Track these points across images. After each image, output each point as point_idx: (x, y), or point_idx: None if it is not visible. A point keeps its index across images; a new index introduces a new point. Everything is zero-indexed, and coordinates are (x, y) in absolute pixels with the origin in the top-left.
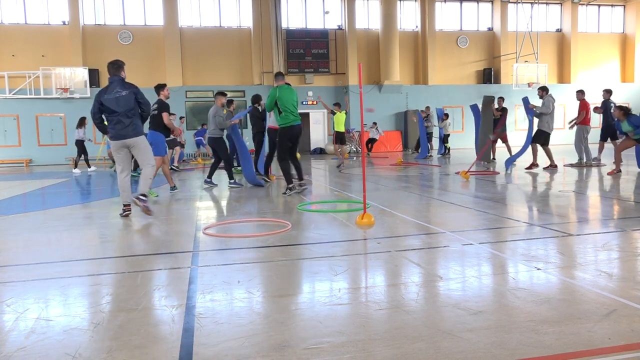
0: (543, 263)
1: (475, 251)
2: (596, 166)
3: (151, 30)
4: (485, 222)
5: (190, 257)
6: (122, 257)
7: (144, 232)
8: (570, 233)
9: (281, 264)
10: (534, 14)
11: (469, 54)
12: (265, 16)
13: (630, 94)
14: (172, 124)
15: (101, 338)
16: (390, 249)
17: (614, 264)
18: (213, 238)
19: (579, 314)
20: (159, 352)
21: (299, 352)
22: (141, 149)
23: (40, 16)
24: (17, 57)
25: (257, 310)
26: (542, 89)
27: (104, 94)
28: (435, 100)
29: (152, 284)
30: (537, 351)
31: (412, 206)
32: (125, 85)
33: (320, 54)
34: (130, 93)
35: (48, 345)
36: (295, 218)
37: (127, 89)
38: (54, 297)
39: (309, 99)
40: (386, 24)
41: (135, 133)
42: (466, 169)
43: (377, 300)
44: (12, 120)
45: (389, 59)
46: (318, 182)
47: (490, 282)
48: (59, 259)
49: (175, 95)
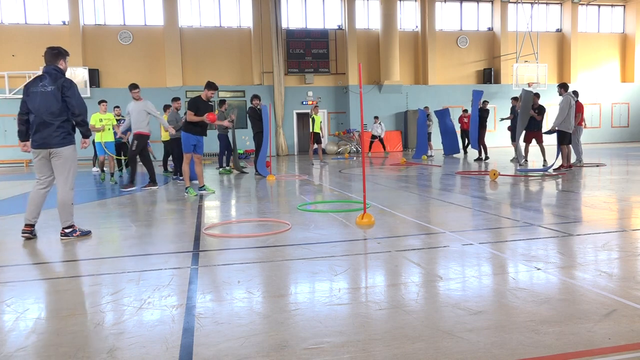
0: (543, 263)
1: (475, 251)
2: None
3: (151, 30)
4: (485, 222)
5: (190, 257)
6: (122, 257)
7: (144, 232)
8: (570, 233)
9: (281, 264)
10: (534, 14)
11: (469, 54)
12: (265, 16)
13: (630, 94)
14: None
15: (101, 338)
16: (390, 249)
17: (614, 264)
18: (213, 238)
19: (579, 314)
20: (159, 352)
21: (299, 352)
22: (62, 164)
23: (40, 16)
24: (17, 57)
25: (257, 310)
26: (561, 86)
27: (30, 87)
28: (436, 100)
29: (152, 284)
30: (537, 351)
31: (412, 206)
32: (57, 78)
33: (320, 54)
34: (57, 89)
35: (48, 345)
36: (295, 218)
37: (55, 84)
38: (53, 297)
39: (308, 99)
40: (386, 24)
41: (61, 142)
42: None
43: (377, 300)
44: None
45: (389, 59)
46: (318, 182)
47: (490, 282)
48: (59, 259)
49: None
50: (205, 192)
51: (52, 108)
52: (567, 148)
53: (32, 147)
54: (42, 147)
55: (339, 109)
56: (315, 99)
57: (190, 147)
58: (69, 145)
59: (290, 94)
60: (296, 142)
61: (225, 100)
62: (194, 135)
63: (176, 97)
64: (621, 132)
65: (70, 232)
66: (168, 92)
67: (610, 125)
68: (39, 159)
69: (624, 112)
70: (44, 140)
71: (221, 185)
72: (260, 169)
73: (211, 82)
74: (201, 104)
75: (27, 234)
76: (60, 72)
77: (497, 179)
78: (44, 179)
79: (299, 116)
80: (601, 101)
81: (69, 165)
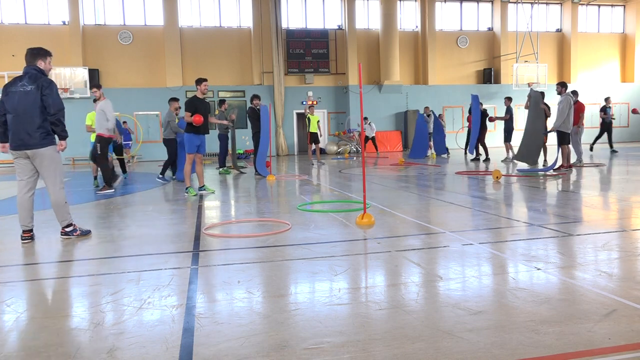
0: (543, 263)
1: (475, 251)
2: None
3: (151, 30)
4: (485, 222)
5: (190, 257)
6: (121, 257)
7: (144, 232)
8: (570, 233)
9: (281, 264)
10: (534, 14)
11: (469, 54)
12: (265, 16)
13: (630, 94)
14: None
15: (101, 338)
16: (390, 249)
17: (614, 264)
18: (213, 238)
19: (579, 314)
20: (159, 352)
21: (299, 352)
22: (47, 164)
23: (40, 16)
24: (17, 57)
25: (257, 310)
26: (560, 84)
27: (9, 87)
28: (436, 100)
29: (152, 284)
30: (537, 351)
31: (412, 206)
32: (37, 78)
33: (320, 54)
34: (36, 88)
35: (48, 345)
36: (295, 218)
37: (35, 83)
38: (53, 297)
39: (308, 99)
40: (386, 24)
41: (40, 142)
42: (461, 169)
43: (377, 300)
44: None
45: (389, 59)
46: (318, 182)
47: (490, 282)
48: (59, 259)
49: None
50: (205, 192)
51: (30, 107)
52: (567, 148)
53: (11, 148)
54: (20, 148)
55: (339, 109)
56: (315, 99)
57: (194, 148)
58: (50, 145)
59: (290, 94)
60: (296, 142)
61: (225, 100)
62: (198, 135)
63: (174, 98)
64: (621, 132)
65: (71, 231)
66: (168, 92)
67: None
68: (18, 160)
69: (624, 112)
70: (22, 141)
71: (221, 185)
72: (260, 169)
73: (198, 78)
74: (199, 103)
75: (28, 240)
76: (40, 72)
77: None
78: (26, 179)
79: (299, 116)
80: (601, 101)
81: (54, 165)
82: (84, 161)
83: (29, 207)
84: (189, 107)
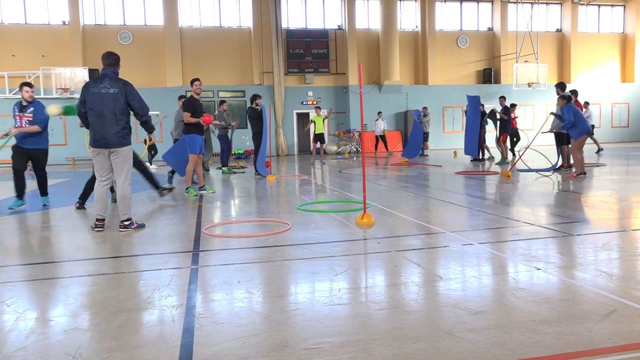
0: (543, 263)
1: (475, 251)
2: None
3: (151, 30)
4: (485, 222)
5: (190, 257)
6: (122, 257)
7: (144, 232)
8: (570, 233)
9: (281, 264)
10: (534, 14)
11: (469, 54)
12: (265, 16)
13: (630, 94)
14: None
15: (101, 338)
16: (390, 249)
17: (614, 264)
18: (213, 238)
19: (579, 314)
20: (159, 352)
21: (299, 352)
22: (121, 162)
23: (40, 16)
24: (17, 57)
25: (257, 310)
26: (558, 85)
27: (90, 87)
28: (435, 101)
29: (152, 284)
30: (537, 351)
31: (412, 206)
32: (118, 81)
33: (320, 54)
34: (120, 92)
35: (48, 345)
36: (295, 218)
37: (117, 87)
38: (54, 297)
39: (308, 99)
40: (386, 24)
41: (120, 142)
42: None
43: (377, 300)
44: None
45: (389, 59)
46: (318, 182)
47: (490, 282)
48: (59, 259)
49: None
50: (205, 192)
51: (115, 109)
52: (566, 148)
53: (93, 145)
54: (103, 146)
55: (339, 108)
56: (315, 99)
57: (198, 148)
58: (128, 145)
59: (290, 94)
60: (296, 142)
61: (225, 101)
62: (200, 136)
63: (183, 96)
64: (621, 132)
65: (129, 224)
66: (168, 92)
67: (610, 126)
68: (98, 157)
69: (624, 112)
70: (105, 139)
71: (221, 185)
72: (260, 169)
73: (192, 79)
74: (197, 103)
75: (100, 228)
76: (117, 75)
77: (498, 179)
78: (105, 175)
79: (299, 116)
80: (601, 101)
81: (127, 163)
82: (84, 161)
83: (104, 198)
84: (188, 107)
